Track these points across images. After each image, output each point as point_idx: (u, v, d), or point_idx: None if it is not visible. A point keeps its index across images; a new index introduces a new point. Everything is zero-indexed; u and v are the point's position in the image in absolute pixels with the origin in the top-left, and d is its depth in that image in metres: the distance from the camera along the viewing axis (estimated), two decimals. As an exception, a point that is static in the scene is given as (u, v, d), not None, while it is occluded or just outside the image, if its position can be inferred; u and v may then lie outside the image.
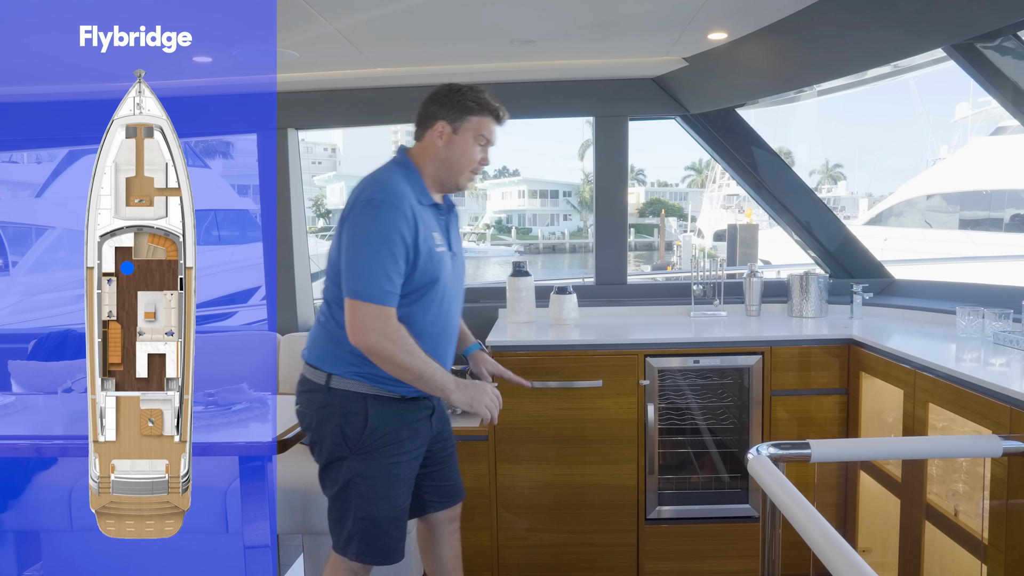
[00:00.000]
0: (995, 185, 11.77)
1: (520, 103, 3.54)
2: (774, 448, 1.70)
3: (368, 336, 1.83)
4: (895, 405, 2.67)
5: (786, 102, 3.61)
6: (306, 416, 2.03)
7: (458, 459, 2.97)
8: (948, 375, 2.12)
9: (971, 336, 2.62)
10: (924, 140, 41.28)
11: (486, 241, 49.81)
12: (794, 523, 1.36)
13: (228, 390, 2.50)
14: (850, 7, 2.29)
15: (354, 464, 1.98)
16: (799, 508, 1.37)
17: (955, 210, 12.39)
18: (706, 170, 50.00)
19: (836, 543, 1.23)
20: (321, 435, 2.00)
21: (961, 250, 10.67)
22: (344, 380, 1.95)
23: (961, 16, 2.06)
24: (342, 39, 2.70)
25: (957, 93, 52.62)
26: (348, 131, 77.19)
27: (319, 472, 2.09)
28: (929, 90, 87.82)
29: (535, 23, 2.59)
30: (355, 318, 1.83)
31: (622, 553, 2.96)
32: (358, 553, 2.02)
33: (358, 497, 2.00)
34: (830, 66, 2.66)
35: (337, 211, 54.77)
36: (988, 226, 11.78)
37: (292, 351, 3.45)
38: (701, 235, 29.97)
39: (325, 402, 1.97)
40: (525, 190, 60.73)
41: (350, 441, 1.96)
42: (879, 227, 13.56)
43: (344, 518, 2.02)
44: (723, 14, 2.51)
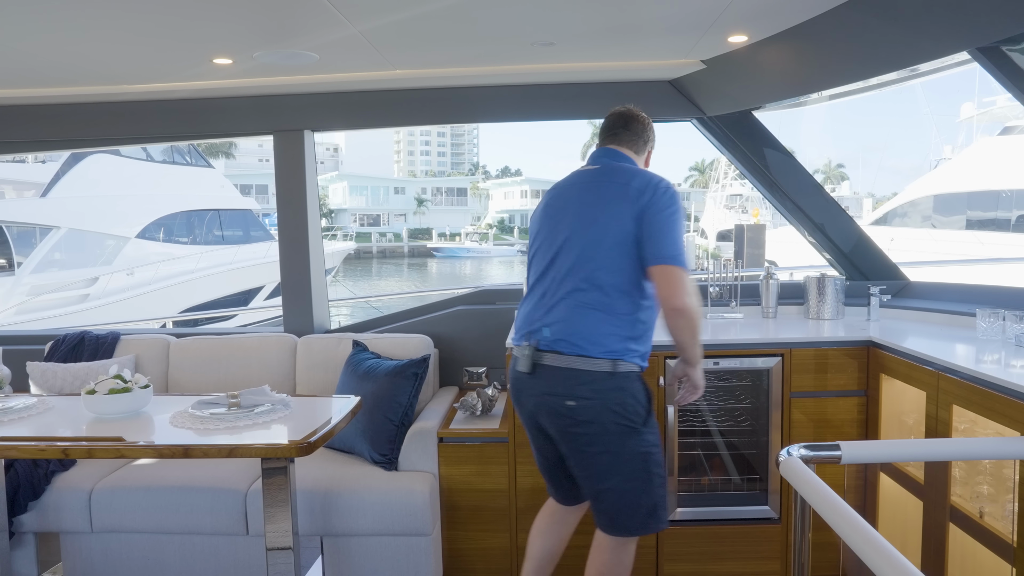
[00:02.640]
0: (1003, 185, 11.76)
1: (536, 106, 3.55)
2: (805, 450, 1.69)
3: (688, 298, 2.04)
4: (915, 407, 2.67)
5: (795, 105, 3.61)
6: (591, 405, 2.10)
7: (481, 461, 2.99)
8: (974, 377, 2.12)
9: (992, 338, 2.63)
10: (928, 140, 41.14)
11: (488, 241, 49.79)
12: (833, 525, 1.36)
13: (250, 392, 2.50)
14: (875, 11, 2.29)
15: (647, 436, 2.17)
16: (837, 510, 1.37)
17: (962, 210, 12.37)
18: (709, 170, 49.92)
19: (878, 543, 1.23)
20: (608, 419, 2.10)
21: (969, 250, 10.66)
22: (626, 363, 2.11)
23: (989, 19, 2.06)
24: (364, 42, 2.70)
25: (962, 93, 52.37)
26: (351, 132, 77.24)
27: (599, 461, 2.15)
28: (934, 91, 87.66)
29: (557, 26, 2.59)
30: (677, 283, 2.04)
31: (641, 555, 2.96)
32: (661, 520, 2.24)
33: (656, 466, 2.20)
34: (852, 70, 2.66)
35: (340, 211, 54.49)
36: (996, 226, 11.77)
37: (309, 353, 3.45)
38: (705, 235, 29.93)
39: (613, 386, 2.09)
40: (527, 190, 60.74)
41: (639, 416, 2.14)
42: (885, 227, 13.54)
43: (646, 491, 2.18)
44: (745, 17, 2.52)
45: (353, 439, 2.99)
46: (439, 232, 53.00)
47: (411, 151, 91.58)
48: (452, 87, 3.48)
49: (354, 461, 2.97)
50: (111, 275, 12.04)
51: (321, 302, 3.80)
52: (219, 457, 2.13)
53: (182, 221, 13.95)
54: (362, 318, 3.98)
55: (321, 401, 2.63)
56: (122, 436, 2.20)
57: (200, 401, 2.49)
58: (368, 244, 48.60)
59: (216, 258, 14.10)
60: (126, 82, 3.32)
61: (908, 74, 2.91)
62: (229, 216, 15.30)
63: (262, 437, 2.20)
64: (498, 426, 3.00)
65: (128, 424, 2.35)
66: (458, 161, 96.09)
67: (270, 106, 3.55)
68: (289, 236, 3.68)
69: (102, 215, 12.36)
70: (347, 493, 2.77)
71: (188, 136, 3.77)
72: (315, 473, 2.84)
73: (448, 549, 2.99)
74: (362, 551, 2.81)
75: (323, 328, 3.80)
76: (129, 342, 3.57)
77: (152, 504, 2.81)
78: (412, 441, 2.92)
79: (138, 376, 2.51)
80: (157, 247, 13.18)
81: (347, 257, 22.88)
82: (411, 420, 3.02)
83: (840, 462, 1.73)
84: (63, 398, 2.77)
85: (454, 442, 2.95)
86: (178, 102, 3.57)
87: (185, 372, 3.49)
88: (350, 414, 2.45)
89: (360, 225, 54.80)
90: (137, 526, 2.82)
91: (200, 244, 14.19)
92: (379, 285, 32.10)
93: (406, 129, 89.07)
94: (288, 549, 2.38)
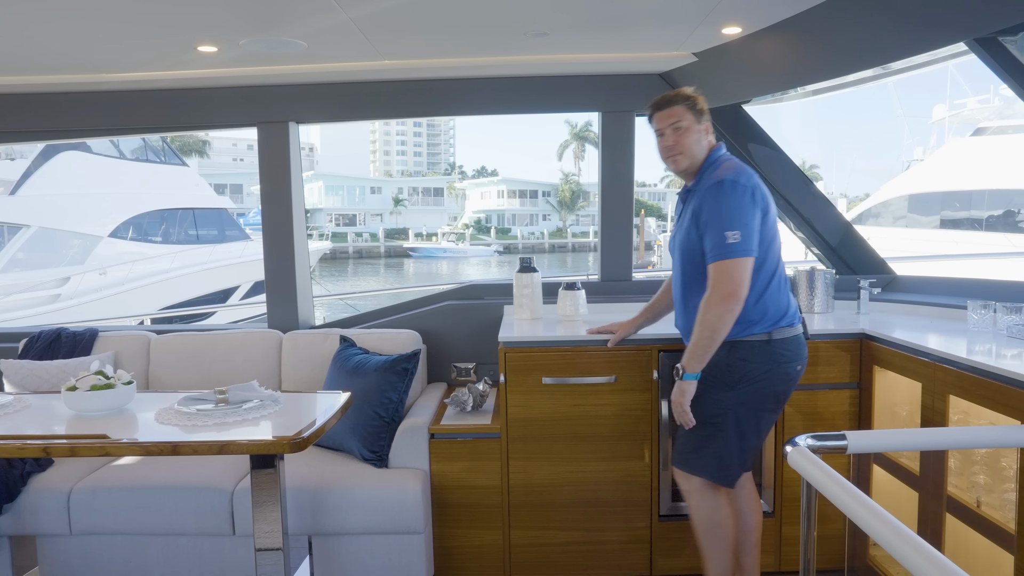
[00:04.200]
0: (975, 185, 11.97)
1: (526, 98, 3.51)
2: (812, 439, 1.68)
3: None
4: (909, 399, 2.68)
5: (772, 101, 3.62)
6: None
7: (473, 457, 2.95)
8: (972, 367, 2.13)
9: (983, 330, 2.64)
10: (900, 141, 41.96)
11: (465, 241, 49.69)
12: (849, 512, 1.34)
13: (239, 388, 2.43)
14: (871, 1, 2.29)
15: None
16: (853, 496, 1.35)
17: (936, 210, 12.58)
18: (684, 171, 50.08)
19: (898, 528, 1.21)
20: None
21: (943, 249, 10.83)
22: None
23: (986, 10, 2.07)
24: (355, 29, 2.64)
25: (934, 95, 53.36)
26: (326, 131, 76.66)
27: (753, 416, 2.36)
28: (906, 92, 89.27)
29: (552, 15, 2.55)
30: None
31: (635, 550, 2.94)
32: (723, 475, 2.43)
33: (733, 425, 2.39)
34: (847, 61, 2.66)
35: (315, 211, 54.16)
36: (968, 226, 11.98)
37: (295, 349, 3.38)
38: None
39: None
40: (504, 190, 60.77)
41: None
42: (860, 227, 13.72)
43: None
44: (741, 8, 2.50)
45: (342, 436, 2.93)
46: (416, 232, 52.79)
47: (387, 151, 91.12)
48: (441, 78, 3.43)
49: (343, 459, 2.90)
50: (83, 275, 11.79)
51: (306, 297, 3.73)
52: (209, 454, 2.06)
53: (156, 220, 13.72)
54: (338, 317, 3.91)
55: (311, 397, 2.57)
56: (106, 434, 2.12)
57: (187, 397, 2.41)
58: (344, 244, 48.25)
59: (191, 258, 13.89)
60: (104, 70, 3.22)
61: (882, 71, 2.94)
62: (204, 215, 15.09)
63: (252, 434, 2.13)
64: (490, 422, 2.95)
65: (111, 422, 2.27)
66: (434, 161, 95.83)
67: (254, 97, 3.47)
68: (273, 230, 3.60)
69: (73, 214, 12.10)
70: (337, 491, 2.71)
71: (168, 128, 3.66)
72: (304, 471, 2.77)
73: (439, 547, 2.94)
74: (352, 550, 2.75)
75: (308, 324, 3.73)
76: (108, 339, 3.47)
77: (134, 505, 2.72)
78: (403, 438, 2.86)
79: (121, 372, 2.43)
80: (130, 246, 12.94)
81: (323, 257, 22.67)
82: (401, 416, 2.97)
83: (846, 452, 1.72)
84: (40, 396, 2.67)
85: (445, 438, 2.90)
86: (159, 92, 3.47)
87: (167, 369, 3.40)
88: (341, 410, 2.39)
89: (336, 225, 54.40)
90: (119, 528, 2.73)
91: (174, 243, 13.96)
92: (356, 285, 31.86)
93: (382, 128, 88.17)
94: (278, 550, 2.32)
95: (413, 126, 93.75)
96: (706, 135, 2.40)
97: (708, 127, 2.40)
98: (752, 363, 2.31)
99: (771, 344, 2.31)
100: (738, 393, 2.33)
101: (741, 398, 2.33)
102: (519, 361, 2.86)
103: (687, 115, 2.35)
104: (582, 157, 60.75)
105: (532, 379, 2.85)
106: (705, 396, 2.34)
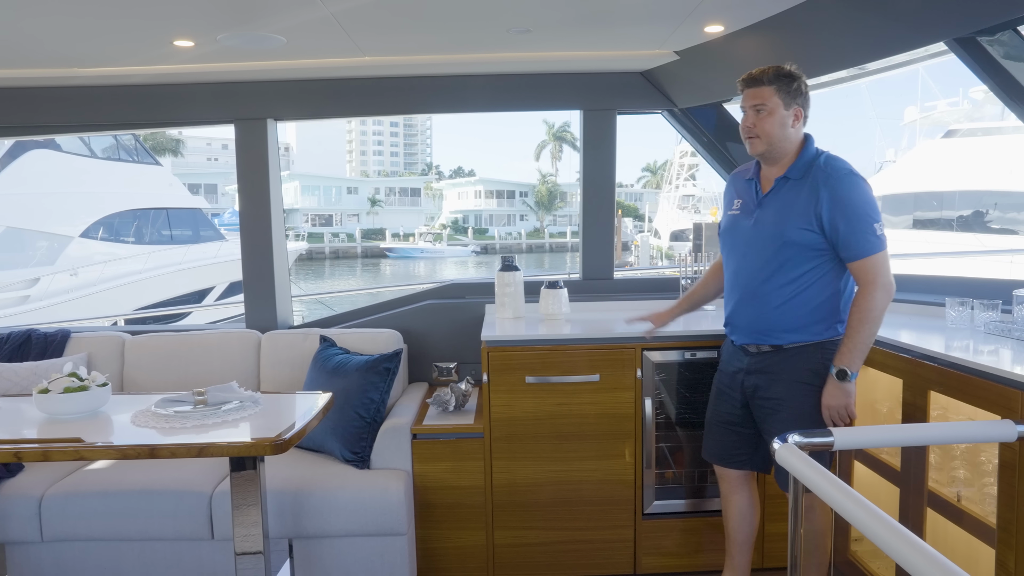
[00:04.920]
0: (946, 187, 12.19)
1: (509, 95, 3.49)
2: (800, 437, 1.68)
3: None
4: (888, 395, 2.70)
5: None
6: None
7: (456, 457, 2.92)
8: (953, 363, 2.15)
9: (961, 326, 2.67)
10: (872, 143, 42.64)
11: (442, 241, 49.56)
12: (839, 509, 1.34)
13: (218, 389, 2.38)
14: (853, 1, 2.31)
15: None
16: (843, 493, 1.35)
17: (909, 210, 12.79)
18: (662, 171, 50.60)
19: (891, 524, 1.21)
20: None
21: (916, 249, 11.02)
22: None
23: (965, 10, 2.09)
24: (335, 24, 2.60)
25: (905, 97, 54.18)
26: (301, 130, 75.98)
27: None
28: (878, 93, 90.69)
29: (536, 12, 2.54)
30: None
31: (619, 549, 2.93)
32: None
33: None
34: (828, 60, 2.68)
35: (291, 211, 53.66)
36: (940, 226, 12.20)
37: (274, 349, 3.33)
38: (658, 235, 30.34)
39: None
40: (481, 190, 60.73)
41: None
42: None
43: None
44: (724, 6, 2.51)
45: (323, 437, 2.89)
46: (393, 233, 52.53)
47: (364, 150, 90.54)
48: (422, 75, 3.40)
49: (324, 460, 2.86)
50: (53, 276, 11.54)
51: (285, 297, 3.67)
52: (188, 457, 2.01)
53: (128, 220, 13.47)
54: (315, 317, 3.86)
55: (291, 398, 2.53)
56: (80, 437, 2.07)
57: (164, 399, 2.36)
58: (320, 245, 47.86)
59: (165, 258, 13.66)
60: (76, 64, 3.14)
61: (858, 72, 2.97)
62: (178, 215, 14.85)
63: (232, 435, 2.09)
64: (472, 421, 2.93)
65: (85, 425, 2.21)
66: (411, 161, 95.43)
67: (231, 93, 3.41)
68: (251, 229, 3.55)
69: (42, 213, 11.84)
70: (318, 493, 2.66)
71: (143, 125, 3.58)
72: (284, 473, 2.73)
73: (423, 548, 2.91)
74: (334, 553, 2.71)
75: (287, 324, 3.67)
76: (80, 340, 3.39)
77: (109, 510, 2.65)
78: (385, 438, 2.83)
79: (95, 374, 2.37)
80: (102, 247, 12.69)
81: (299, 258, 22.45)
82: (383, 417, 2.93)
83: (833, 448, 1.72)
84: (10, 399, 2.60)
85: (428, 439, 2.87)
86: (133, 88, 3.39)
87: (142, 371, 3.33)
88: (323, 410, 2.35)
89: (312, 225, 53.94)
90: (92, 534, 2.67)
91: (148, 244, 13.72)
92: (334, 285, 31.60)
93: (358, 128, 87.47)
94: (258, 553, 2.28)
95: (390, 125, 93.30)
96: (795, 121, 2.25)
97: (799, 112, 2.25)
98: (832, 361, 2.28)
99: (837, 342, 2.30)
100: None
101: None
102: (502, 360, 2.84)
103: (774, 97, 2.21)
104: (559, 157, 60.95)
105: (515, 378, 2.84)
106: (806, 404, 2.29)
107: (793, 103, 2.24)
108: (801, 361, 2.29)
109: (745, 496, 2.59)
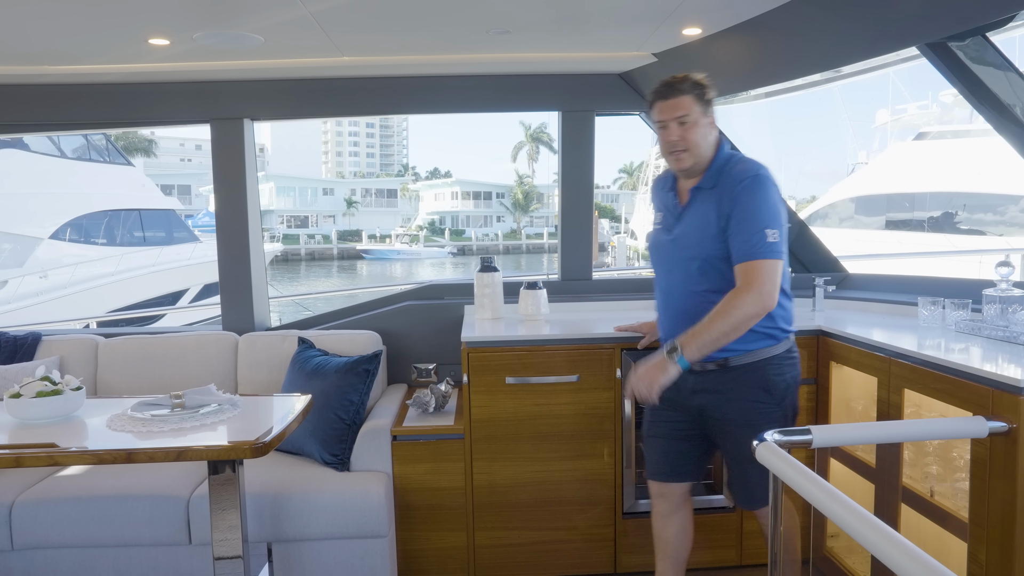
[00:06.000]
0: (917, 188, 12.44)
1: (487, 96, 3.49)
2: (779, 435, 1.70)
3: None
4: (864, 393, 2.75)
5: (722, 103, 3.67)
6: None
7: (436, 458, 2.90)
8: (927, 361, 2.19)
9: (933, 325, 2.73)
10: (845, 145, 43.26)
11: (419, 243, 49.40)
12: (819, 505, 1.36)
13: (196, 392, 2.35)
14: (829, 5, 2.35)
15: None
16: (822, 489, 1.37)
17: (882, 211, 13.02)
18: (638, 172, 50.93)
19: (870, 520, 1.23)
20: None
21: (889, 249, 11.22)
22: None
23: (937, 16, 2.14)
24: (313, 23, 2.59)
25: (876, 99, 55.19)
26: (277, 131, 75.20)
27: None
28: (851, 96, 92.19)
29: (515, 13, 2.54)
30: None
31: (599, 548, 2.95)
32: None
33: None
34: (805, 63, 2.72)
35: (266, 212, 53.07)
36: (911, 227, 12.43)
37: (252, 351, 3.30)
38: (635, 236, 30.51)
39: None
40: (458, 191, 60.64)
41: None
42: (812, 228, 14.14)
43: None
44: (701, 9, 2.53)
45: (302, 440, 2.87)
46: (369, 234, 52.25)
47: (339, 151, 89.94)
48: (401, 76, 3.39)
49: (304, 463, 2.84)
50: (22, 278, 11.31)
51: (262, 298, 3.64)
52: (166, 461, 1.98)
53: (99, 221, 13.24)
54: (291, 319, 3.83)
55: (270, 400, 2.50)
56: (54, 442, 2.03)
57: (140, 403, 2.32)
58: (296, 246, 47.46)
59: (137, 260, 13.45)
60: (47, 62, 3.08)
61: (832, 75, 3.02)
62: (151, 216, 14.64)
63: (211, 439, 2.07)
64: (452, 423, 2.93)
65: (59, 429, 2.17)
66: (387, 162, 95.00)
67: (208, 93, 3.37)
68: (227, 230, 3.51)
69: (11, 214, 11.60)
70: (298, 496, 2.64)
71: (115, 124, 3.53)
72: (263, 476, 2.70)
73: (403, 550, 2.90)
74: (314, 556, 2.69)
75: (264, 326, 3.64)
76: (52, 343, 3.32)
77: (82, 516, 2.61)
78: (364, 440, 2.81)
79: (68, 377, 2.33)
80: (73, 248, 12.46)
81: (275, 259, 22.25)
82: (362, 419, 2.92)
83: (811, 446, 1.75)
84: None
85: (408, 440, 2.86)
86: (106, 86, 3.33)
87: (116, 374, 3.28)
88: (302, 413, 2.34)
89: (288, 227, 53.47)
90: (65, 541, 2.62)
91: (120, 245, 13.50)
92: (311, 287, 31.31)
93: (334, 128, 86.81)
94: (237, 558, 2.25)
95: (366, 126, 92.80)
96: (712, 128, 2.16)
97: (713, 118, 2.17)
98: (787, 373, 2.20)
99: (791, 350, 2.23)
100: (783, 409, 2.21)
101: (786, 412, 2.22)
102: (482, 361, 2.84)
103: (695, 107, 2.11)
104: (536, 159, 61.05)
105: (495, 379, 2.84)
106: (763, 421, 2.11)
107: (708, 111, 2.16)
108: (751, 379, 2.18)
109: (688, 511, 2.48)
